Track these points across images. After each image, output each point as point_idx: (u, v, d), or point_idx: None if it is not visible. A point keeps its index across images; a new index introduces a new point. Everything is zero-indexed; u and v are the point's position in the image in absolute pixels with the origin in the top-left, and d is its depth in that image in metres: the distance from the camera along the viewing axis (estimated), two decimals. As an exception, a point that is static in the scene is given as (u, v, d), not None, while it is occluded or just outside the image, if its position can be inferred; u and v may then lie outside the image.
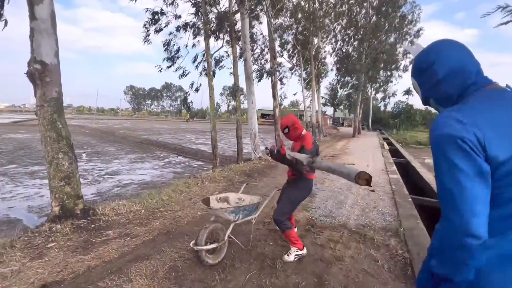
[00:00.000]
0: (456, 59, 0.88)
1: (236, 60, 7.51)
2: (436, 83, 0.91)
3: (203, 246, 2.35)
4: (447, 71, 0.88)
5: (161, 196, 4.37)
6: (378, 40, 23.98)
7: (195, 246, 2.33)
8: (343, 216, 3.76)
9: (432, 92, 0.95)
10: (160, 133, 24.51)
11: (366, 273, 2.32)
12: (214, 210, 2.53)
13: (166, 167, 9.84)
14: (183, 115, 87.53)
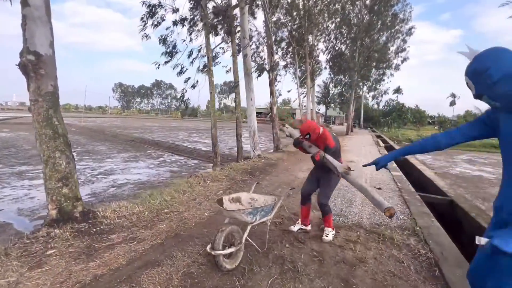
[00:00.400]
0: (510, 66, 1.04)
1: (235, 56, 7.31)
2: (492, 85, 1.10)
3: (221, 250, 2.18)
4: (501, 75, 1.05)
5: (164, 196, 4.16)
6: (370, 38, 24.18)
7: (213, 251, 2.16)
8: (355, 215, 3.66)
9: (487, 91, 1.14)
10: (152, 132, 23.99)
11: (393, 275, 2.21)
12: (231, 211, 2.37)
13: (162, 166, 9.55)
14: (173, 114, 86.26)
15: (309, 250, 2.67)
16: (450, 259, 2.40)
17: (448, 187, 5.38)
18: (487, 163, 14.89)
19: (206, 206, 3.94)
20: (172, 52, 6.71)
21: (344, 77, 26.89)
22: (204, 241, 2.81)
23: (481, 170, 12.22)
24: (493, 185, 9.14)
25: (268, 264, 2.41)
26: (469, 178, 10.24)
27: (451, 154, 18.99)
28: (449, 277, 2.12)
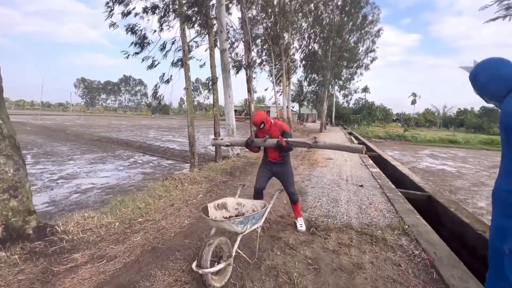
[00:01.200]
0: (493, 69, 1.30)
1: (213, 50, 6.91)
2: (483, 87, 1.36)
3: (209, 268, 1.90)
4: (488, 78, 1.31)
5: (137, 203, 3.73)
6: (342, 38, 25.01)
7: (200, 269, 1.87)
8: (342, 215, 3.57)
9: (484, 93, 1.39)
10: (120, 130, 22.49)
11: (394, 281, 2.10)
12: (220, 223, 2.09)
13: (133, 168, 8.86)
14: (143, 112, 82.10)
15: (303, 257, 2.49)
16: (444, 259, 2.36)
17: (424, 182, 5.58)
18: (447, 157, 16.14)
19: (185, 212, 3.59)
20: (143, 43, 6.14)
21: (318, 76, 27.52)
22: (187, 254, 2.49)
23: (444, 164, 13.18)
24: (456, 178, 9.85)
25: (260, 277, 2.18)
26: (435, 172, 10.96)
27: (415, 149, 20.34)
28: (448, 280, 2.06)
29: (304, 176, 5.82)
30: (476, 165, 13.34)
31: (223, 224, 2.11)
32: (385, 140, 27.49)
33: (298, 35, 23.41)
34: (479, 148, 23.06)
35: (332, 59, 24.89)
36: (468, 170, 11.77)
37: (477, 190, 8.11)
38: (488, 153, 19.38)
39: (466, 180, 9.46)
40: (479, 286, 2.02)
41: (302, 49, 25.67)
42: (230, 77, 7.85)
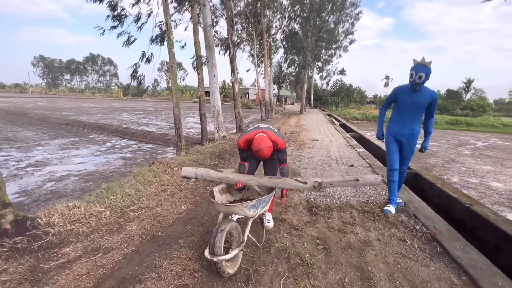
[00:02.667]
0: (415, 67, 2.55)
1: (197, 25, 6.40)
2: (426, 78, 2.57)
3: (223, 255, 1.79)
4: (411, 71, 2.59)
5: (125, 190, 3.47)
6: (322, 19, 24.78)
7: (215, 258, 1.75)
8: (340, 194, 3.60)
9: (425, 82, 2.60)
10: (91, 113, 20.95)
11: (403, 256, 2.15)
12: (233, 207, 1.96)
13: (111, 153, 8.31)
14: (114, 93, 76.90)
15: (310, 237, 2.47)
16: (444, 233, 2.47)
17: (408, 160, 5.83)
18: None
19: (180, 197, 3.41)
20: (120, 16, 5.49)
21: (298, 57, 27.29)
22: (190, 241, 2.36)
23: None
24: (429, 156, 10.50)
25: (272, 260, 2.12)
26: (410, 151, 11.56)
27: (390, 130, 21.28)
28: (452, 252, 2.15)
29: (295, 157, 5.81)
30: (445, 144, 14.33)
31: (234, 209, 1.99)
32: (362, 121, 28.52)
33: (279, 15, 22.67)
34: (445, 128, 24.80)
35: (312, 40, 24.72)
36: (438, 148, 12.62)
37: (449, 166, 8.73)
38: (454, 132, 20.91)
39: (438, 158, 10.13)
40: (480, 255, 2.13)
41: (282, 29, 25.15)
42: (215, 55, 7.42)
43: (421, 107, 2.66)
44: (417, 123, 2.77)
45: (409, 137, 2.81)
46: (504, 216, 2.95)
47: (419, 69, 2.51)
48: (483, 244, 2.86)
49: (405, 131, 2.78)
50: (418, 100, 2.63)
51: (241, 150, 2.38)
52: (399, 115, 2.78)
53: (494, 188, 6.38)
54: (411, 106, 2.67)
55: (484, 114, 37.72)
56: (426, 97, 2.62)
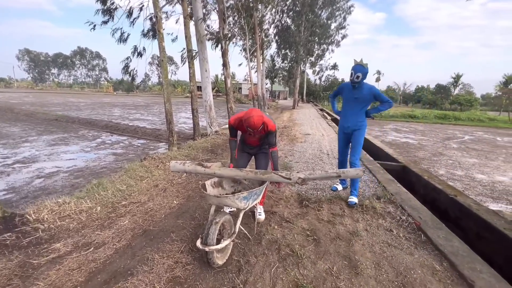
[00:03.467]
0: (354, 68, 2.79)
1: (188, 18, 6.31)
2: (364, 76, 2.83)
3: (215, 245, 1.83)
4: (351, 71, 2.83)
5: (117, 185, 3.45)
6: (314, 14, 24.77)
7: (207, 247, 1.79)
8: (330, 187, 3.67)
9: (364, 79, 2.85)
10: (80, 109, 20.49)
11: (389, 245, 2.24)
12: (224, 199, 1.99)
13: (102, 149, 8.20)
14: (104, 88, 75.19)
15: (300, 229, 2.53)
16: (429, 222, 2.56)
17: (397, 154, 5.96)
18: (409, 131, 17.48)
19: (172, 192, 3.42)
20: (110, 10, 5.36)
21: (290, 52, 27.25)
22: (183, 235, 2.39)
23: (407, 137, 14.26)
24: (418, 149, 10.75)
25: (263, 251, 2.17)
26: (400, 144, 11.83)
27: (381, 124, 21.66)
28: (435, 240, 2.24)
29: (287, 152, 5.86)
30: (433, 137, 14.67)
31: (226, 201, 2.02)
32: (354, 116, 28.70)
33: (272, 9, 22.47)
34: (434, 122, 25.32)
35: (305, 35, 24.73)
36: (427, 142, 12.91)
37: (436, 159, 8.96)
38: (442, 127, 21.39)
39: (427, 151, 10.38)
40: (461, 243, 2.23)
41: (275, 23, 25.06)
42: (206, 49, 7.34)
43: (362, 101, 2.92)
44: (360, 116, 2.99)
45: (354, 129, 3.04)
46: (485, 206, 3.07)
47: (357, 70, 2.76)
48: (466, 233, 2.99)
49: (350, 124, 3.04)
50: (359, 95, 2.89)
51: (231, 127, 2.44)
52: (344, 110, 3.09)
53: (479, 180, 6.61)
54: (352, 101, 2.95)
55: (471, 109, 38.65)
56: (365, 92, 2.86)
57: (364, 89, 2.88)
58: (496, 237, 2.54)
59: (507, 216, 2.83)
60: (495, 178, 6.79)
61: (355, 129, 3.04)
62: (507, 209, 4.81)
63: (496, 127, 22.90)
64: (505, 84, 37.33)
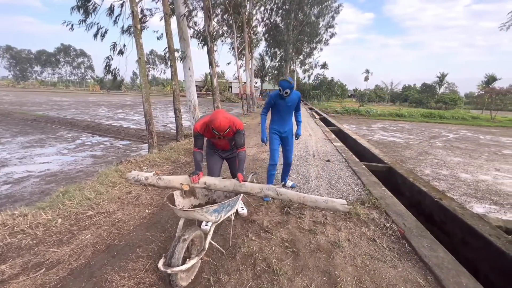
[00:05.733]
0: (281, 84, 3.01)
1: (168, 15, 6.02)
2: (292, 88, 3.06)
3: (181, 266, 1.63)
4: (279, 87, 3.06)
5: (85, 193, 3.19)
6: (303, 12, 24.79)
7: (169, 269, 1.58)
8: (314, 191, 3.54)
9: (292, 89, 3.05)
10: (63, 108, 19.72)
11: (371, 257, 2.10)
12: (191, 212, 1.79)
13: (80, 151, 7.81)
14: (90, 86, 72.99)
15: (279, 240, 2.36)
16: (413, 230, 2.45)
17: (383, 154, 5.91)
18: (396, 130, 17.69)
19: (146, 200, 3.19)
20: (86, 7, 5.02)
21: (280, 50, 27.20)
22: (150, 249, 2.18)
23: (394, 136, 14.40)
24: (404, 148, 10.83)
25: (237, 267, 1.99)
26: (387, 143, 11.90)
27: (369, 123, 21.89)
28: (420, 250, 2.13)
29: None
30: (419, 136, 14.87)
31: (194, 214, 1.82)
32: (342, 114, 29.03)
33: (261, 7, 22.28)
34: (420, 120, 25.80)
35: (294, 33, 24.71)
36: (413, 141, 13.05)
37: (422, 158, 9.02)
38: (428, 125, 21.79)
39: (413, 150, 10.46)
40: (446, 253, 2.12)
41: (264, 22, 24.93)
42: (189, 47, 7.08)
43: (292, 107, 3.24)
44: (291, 120, 3.33)
45: (289, 133, 3.34)
46: (470, 210, 3.00)
47: (285, 86, 2.99)
48: (451, 238, 2.90)
49: (287, 128, 3.30)
50: (291, 103, 3.20)
51: (197, 135, 2.19)
52: (280, 116, 3.24)
53: (463, 179, 6.65)
54: (286, 108, 3.20)
55: (456, 107, 39.69)
56: (295, 97, 3.19)
57: (293, 95, 3.18)
58: (482, 244, 2.45)
59: (492, 221, 2.76)
60: (478, 177, 6.86)
61: (289, 133, 3.34)
62: (491, 209, 4.82)
63: (479, 125, 23.55)
64: (487, 83, 38.51)
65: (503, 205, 5.03)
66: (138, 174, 2.16)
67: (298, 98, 3.23)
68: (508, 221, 2.88)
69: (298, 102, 3.24)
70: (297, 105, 3.26)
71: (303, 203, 1.96)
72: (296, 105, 3.25)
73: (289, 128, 3.31)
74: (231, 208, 2.10)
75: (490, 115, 28.11)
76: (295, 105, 3.23)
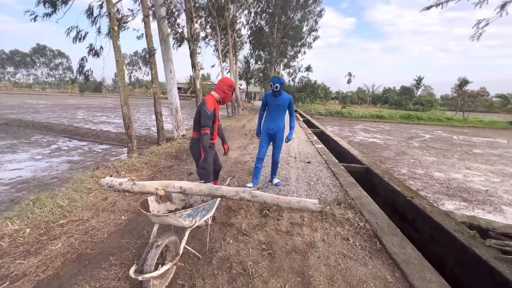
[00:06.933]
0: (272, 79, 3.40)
1: (148, 17, 5.93)
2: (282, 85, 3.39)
3: (153, 272, 1.61)
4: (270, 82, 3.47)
5: (57, 200, 3.07)
6: (287, 16, 25.24)
7: (140, 276, 1.56)
8: (293, 193, 3.60)
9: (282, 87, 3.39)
10: (38, 111, 18.83)
11: (344, 256, 2.17)
12: (164, 217, 1.78)
13: (56, 156, 7.49)
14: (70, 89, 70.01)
15: (257, 242, 2.39)
16: (385, 228, 2.55)
17: (362, 155, 6.10)
18: (376, 131, 18.30)
19: (122, 206, 3.12)
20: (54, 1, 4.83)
21: (264, 53, 27.47)
22: (124, 257, 2.13)
23: (374, 137, 14.89)
24: (383, 149, 11.22)
25: (212, 272, 1.99)
26: (367, 144, 12.28)
27: (351, 124, 22.49)
28: (390, 248, 2.22)
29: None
30: (398, 137, 15.47)
31: (167, 219, 1.81)
32: (326, 116, 29.69)
33: (245, 10, 22.43)
34: (399, 122, 26.85)
35: (278, 36, 25.07)
36: (392, 141, 13.56)
37: (400, 159, 9.39)
38: (406, 126, 22.72)
39: (391, 151, 10.87)
40: (414, 249, 2.23)
41: (249, 25, 25.14)
42: (170, 49, 7.00)
43: (283, 107, 3.49)
44: (282, 120, 3.58)
45: (277, 130, 3.58)
46: (438, 208, 3.17)
47: (275, 81, 3.33)
48: (421, 235, 3.05)
49: (275, 126, 3.56)
50: (280, 102, 3.45)
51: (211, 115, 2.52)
52: (270, 115, 3.57)
53: (436, 178, 7.00)
54: (276, 107, 3.49)
55: (432, 109, 41.59)
56: (285, 98, 3.46)
57: (284, 96, 3.46)
58: (447, 239, 2.60)
59: (458, 217, 2.93)
60: (450, 176, 7.24)
61: (278, 130, 3.57)
62: (461, 206, 5.10)
63: (453, 126, 24.83)
64: (460, 86, 40.69)
65: (471, 202, 5.34)
66: (112, 180, 2.11)
67: (289, 99, 3.48)
68: (472, 217, 3.07)
69: (289, 104, 3.49)
70: (288, 107, 3.50)
71: (277, 204, 1.99)
72: (288, 106, 3.50)
73: (277, 127, 3.55)
74: (206, 213, 2.11)
75: (463, 116, 29.72)
76: (285, 105, 3.48)
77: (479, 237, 2.46)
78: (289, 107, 3.51)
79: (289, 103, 3.49)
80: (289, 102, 3.49)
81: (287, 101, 3.48)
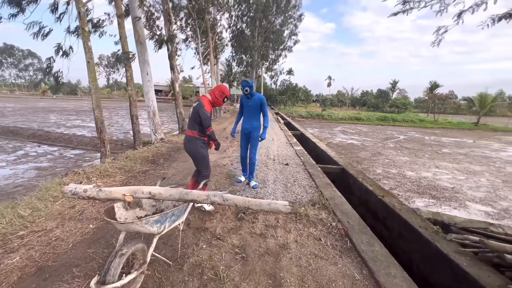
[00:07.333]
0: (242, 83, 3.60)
1: (122, 18, 5.75)
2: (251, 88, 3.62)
3: (116, 282, 1.55)
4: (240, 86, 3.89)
5: (18, 210, 2.87)
6: (268, 20, 25.60)
7: (103, 287, 1.49)
8: (270, 195, 3.62)
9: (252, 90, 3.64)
10: (4, 115, 17.62)
11: (315, 257, 2.21)
12: (129, 224, 1.72)
13: (22, 163, 7.03)
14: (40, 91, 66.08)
15: (230, 246, 2.37)
16: (355, 227, 2.63)
17: (338, 157, 6.27)
18: (354, 133, 18.91)
19: (91, 214, 2.98)
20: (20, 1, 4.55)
21: (246, 56, 27.60)
22: (89, 268, 2.04)
23: (352, 139, 15.38)
24: (361, 150, 11.61)
25: (183, 278, 1.95)
26: (345, 146, 12.66)
27: (331, 126, 23.08)
28: (359, 246, 2.29)
29: (233, 159, 5.72)
30: (374, 138, 16.09)
31: (133, 226, 1.75)
32: (307, 118, 30.24)
33: (225, 13, 22.44)
34: (376, 123, 27.94)
35: (259, 40, 25.33)
36: (369, 142, 14.08)
37: (376, 159, 9.77)
38: (382, 128, 23.69)
39: (368, 151, 11.28)
40: (381, 247, 2.31)
41: (231, 28, 25.18)
42: (147, 51, 6.84)
43: (255, 108, 3.68)
44: (256, 120, 3.75)
45: (251, 130, 3.74)
46: (407, 205, 3.32)
47: (244, 85, 3.55)
48: (391, 233, 3.18)
49: (249, 126, 3.74)
50: (253, 103, 3.65)
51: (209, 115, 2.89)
52: (246, 116, 3.77)
53: (408, 176, 7.34)
54: (249, 108, 3.69)
55: (406, 111, 43.76)
56: (257, 99, 3.64)
57: (256, 97, 3.64)
58: (413, 236, 2.72)
59: (424, 214, 3.08)
60: (421, 174, 7.63)
61: (252, 130, 3.73)
62: (430, 203, 5.38)
63: (425, 127, 26.23)
64: (431, 89, 43.17)
65: (439, 199, 5.65)
66: (76, 187, 2.01)
67: (260, 100, 3.64)
68: (436, 213, 3.25)
69: (261, 104, 3.65)
70: (261, 107, 3.67)
71: (248, 207, 1.98)
72: (260, 107, 3.67)
73: (251, 126, 3.72)
74: (177, 218, 2.06)
75: (434, 118, 31.49)
76: (258, 106, 3.66)
77: (441, 232, 2.61)
78: (262, 107, 3.67)
79: (261, 103, 3.64)
80: (261, 102, 3.64)
81: (258, 101, 3.64)
